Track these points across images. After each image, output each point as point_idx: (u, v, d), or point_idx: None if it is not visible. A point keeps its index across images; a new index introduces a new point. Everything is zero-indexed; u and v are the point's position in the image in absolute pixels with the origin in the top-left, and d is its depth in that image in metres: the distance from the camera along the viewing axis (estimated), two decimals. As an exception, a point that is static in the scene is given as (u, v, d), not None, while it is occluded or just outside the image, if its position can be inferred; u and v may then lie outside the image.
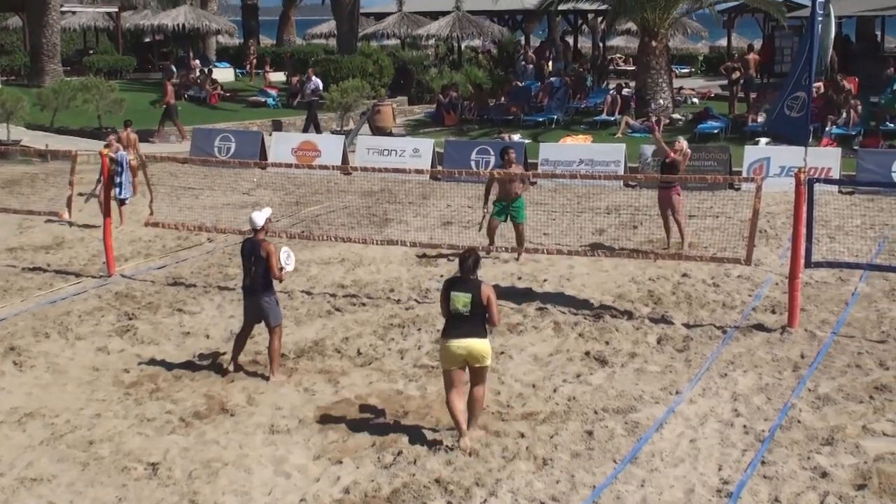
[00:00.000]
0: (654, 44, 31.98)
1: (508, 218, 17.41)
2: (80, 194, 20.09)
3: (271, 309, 12.14)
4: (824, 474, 9.48)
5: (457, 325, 10.14)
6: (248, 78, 46.23)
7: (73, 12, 50.44)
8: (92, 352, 13.25)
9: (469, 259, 10.27)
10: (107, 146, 19.80)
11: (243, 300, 12.46)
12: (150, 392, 11.85)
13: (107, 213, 16.87)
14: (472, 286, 10.20)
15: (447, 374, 10.25)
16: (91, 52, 50.50)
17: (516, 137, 29.38)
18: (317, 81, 33.95)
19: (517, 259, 17.32)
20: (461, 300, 10.12)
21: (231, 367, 12.29)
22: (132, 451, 10.26)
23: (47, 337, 13.77)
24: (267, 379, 12.06)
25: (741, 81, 34.08)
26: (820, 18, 13.95)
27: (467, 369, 10.25)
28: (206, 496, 9.35)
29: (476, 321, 10.16)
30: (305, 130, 32.40)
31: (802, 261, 13.69)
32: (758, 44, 42.00)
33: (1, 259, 17.93)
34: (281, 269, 12.10)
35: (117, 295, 15.70)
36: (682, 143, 17.98)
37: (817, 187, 14.19)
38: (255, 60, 48.08)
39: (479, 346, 10.11)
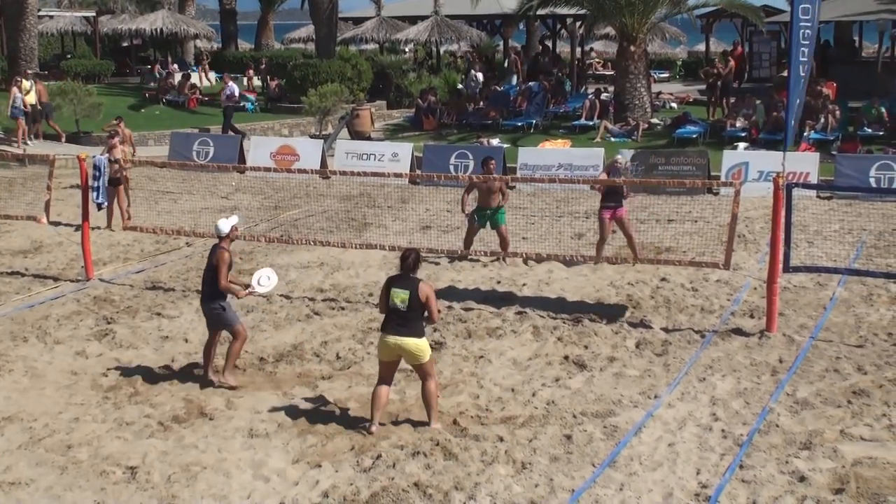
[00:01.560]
0: (632, 48, 32.10)
1: (488, 223, 17.47)
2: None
3: (221, 315, 11.97)
4: (802, 478, 9.52)
5: (394, 320, 10.56)
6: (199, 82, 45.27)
7: (51, 17, 50.22)
8: (70, 356, 13.19)
9: (410, 257, 10.68)
10: (111, 148, 19.89)
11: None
12: (128, 396, 11.81)
13: (85, 217, 16.79)
14: (411, 284, 10.55)
15: (381, 365, 10.79)
16: (69, 56, 50.28)
17: (495, 142, 29.42)
18: (232, 87, 34.04)
19: (504, 261, 17.30)
20: (399, 296, 10.50)
21: (210, 376, 12.21)
22: (111, 454, 10.22)
23: (25, 341, 13.71)
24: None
25: (718, 84, 34.15)
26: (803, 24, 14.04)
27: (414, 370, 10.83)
28: (184, 500, 9.32)
29: (413, 318, 10.53)
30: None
31: (781, 265, 13.74)
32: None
33: (-22, 263, 17.86)
34: (248, 286, 12.18)
35: (96, 299, 15.65)
36: (619, 160, 17.70)
37: (796, 192, 14.30)
38: (207, 65, 47.62)
39: (412, 344, 10.52)
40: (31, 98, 30.86)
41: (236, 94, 34.24)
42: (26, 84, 30.96)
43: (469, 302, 15.32)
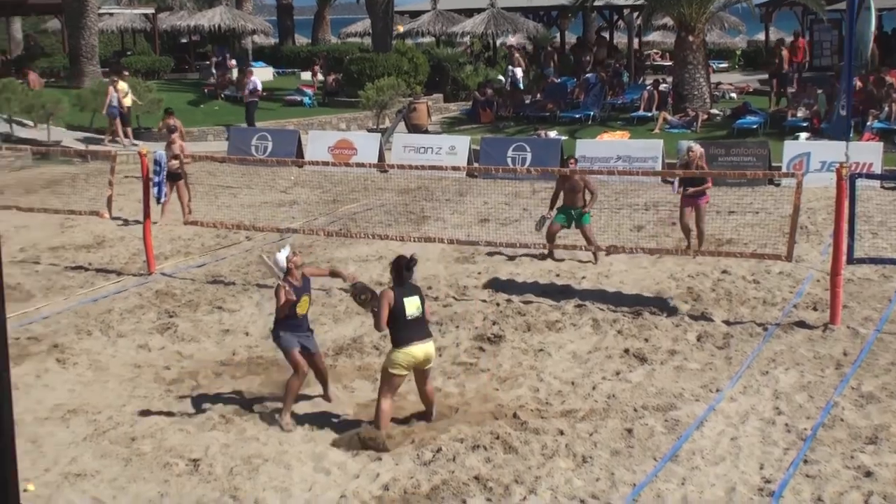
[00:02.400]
0: (690, 39, 31.83)
1: (572, 224, 17.33)
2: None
3: (278, 344, 11.12)
4: (868, 473, 9.39)
5: (414, 329, 10.40)
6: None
7: (111, 14, 50.73)
8: (133, 349, 13.34)
9: (407, 264, 10.55)
10: (170, 143, 20.13)
11: None
12: (191, 389, 11.91)
13: (146, 212, 16.95)
14: (415, 290, 10.58)
15: (398, 378, 10.46)
16: (128, 53, 50.80)
17: (552, 134, 29.32)
18: (255, 81, 33.84)
19: (594, 262, 17.08)
20: (414, 304, 10.41)
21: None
22: (173, 447, 10.32)
23: (89, 334, 13.88)
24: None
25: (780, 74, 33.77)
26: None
27: (414, 377, 10.70)
28: (246, 492, 9.39)
29: (424, 322, 10.54)
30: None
31: (844, 257, 13.57)
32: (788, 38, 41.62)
33: (44, 258, 18.09)
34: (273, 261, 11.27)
35: (157, 293, 15.80)
36: (696, 149, 17.39)
37: (859, 182, 14.08)
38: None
39: (433, 347, 10.64)
40: (128, 101, 31.35)
41: (259, 87, 34.11)
42: (124, 85, 31.44)
43: (528, 295, 15.28)
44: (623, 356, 12.70)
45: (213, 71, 43.23)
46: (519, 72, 37.94)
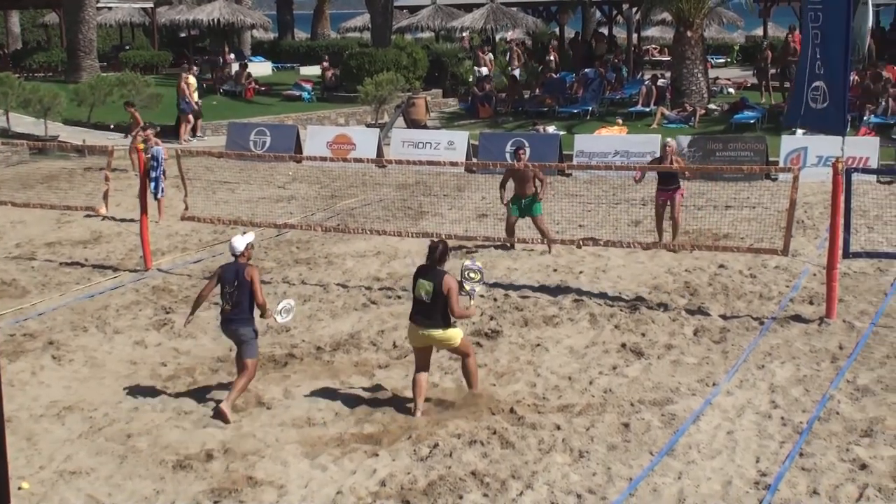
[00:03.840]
0: (689, 34, 31.80)
1: (525, 215, 17.46)
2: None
3: (249, 342, 11.07)
4: (863, 466, 9.41)
5: (419, 311, 10.76)
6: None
7: (109, 8, 50.74)
8: (129, 346, 13.33)
9: (438, 249, 10.79)
10: (144, 141, 19.95)
11: (221, 328, 11.43)
12: (187, 385, 11.91)
13: (143, 208, 16.95)
14: (436, 276, 10.69)
15: (414, 351, 11.08)
16: (127, 47, 50.79)
17: (551, 129, 29.28)
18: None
19: (550, 250, 17.27)
20: (424, 287, 10.67)
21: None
22: (170, 444, 10.32)
23: (85, 331, 13.87)
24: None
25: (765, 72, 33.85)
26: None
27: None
28: (242, 489, 9.38)
29: (436, 310, 10.67)
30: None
31: (840, 251, 13.58)
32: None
33: (40, 254, 18.08)
34: (271, 314, 11.32)
35: (154, 289, 15.80)
36: (671, 143, 17.57)
37: (855, 177, 14.09)
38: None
39: (437, 335, 10.75)
40: (196, 96, 31.41)
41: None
42: (193, 81, 31.48)
43: (525, 290, 15.29)
44: (620, 351, 12.71)
45: (210, 65, 43.08)
46: (485, 70, 37.80)
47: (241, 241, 11.32)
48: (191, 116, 30.89)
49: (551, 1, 46.93)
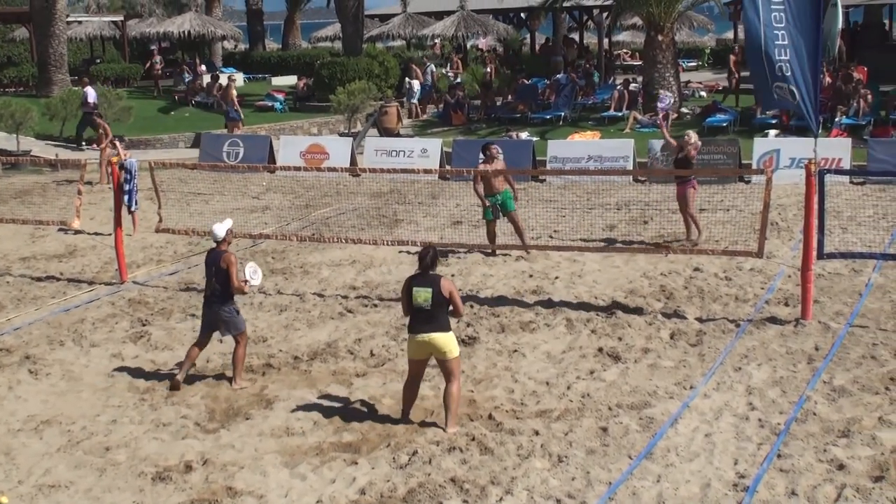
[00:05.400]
0: (660, 38, 31.97)
1: (502, 214, 17.52)
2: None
3: (231, 319, 12.08)
4: (841, 466, 9.45)
5: (421, 319, 10.61)
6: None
7: (79, 22, 50.55)
8: (106, 358, 13.28)
9: (428, 255, 10.72)
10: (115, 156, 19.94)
11: (202, 309, 12.43)
12: (165, 397, 11.87)
13: (118, 221, 16.89)
14: (431, 281, 10.62)
15: (410, 363, 10.91)
16: (98, 61, 50.58)
17: (524, 135, 29.37)
18: (89, 91, 31.97)
19: (527, 255, 17.29)
20: (422, 295, 10.56)
21: (180, 377, 12.12)
22: (148, 456, 10.29)
23: (62, 345, 13.81)
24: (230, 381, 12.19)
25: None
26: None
27: (439, 368, 10.85)
28: (222, 499, 9.36)
29: (438, 315, 10.58)
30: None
31: (815, 252, 13.65)
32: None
33: (14, 269, 17.98)
34: (245, 281, 12.16)
35: (130, 301, 15.74)
36: (692, 135, 17.82)
37: (828, 178, 14.15)
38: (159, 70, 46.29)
39: (441, 338, 10.56)
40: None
41: (91, 99, 31.67)
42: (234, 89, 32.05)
43: (502, 296, 15.31)
44: (597, 355, 12.74)
45: (184, 77, 42.98)
46: (416, 84, 37.73)
47: (220, 228, 12.22)
48: (240, 124, 30.96)
49: (521, 7, 47.00)
